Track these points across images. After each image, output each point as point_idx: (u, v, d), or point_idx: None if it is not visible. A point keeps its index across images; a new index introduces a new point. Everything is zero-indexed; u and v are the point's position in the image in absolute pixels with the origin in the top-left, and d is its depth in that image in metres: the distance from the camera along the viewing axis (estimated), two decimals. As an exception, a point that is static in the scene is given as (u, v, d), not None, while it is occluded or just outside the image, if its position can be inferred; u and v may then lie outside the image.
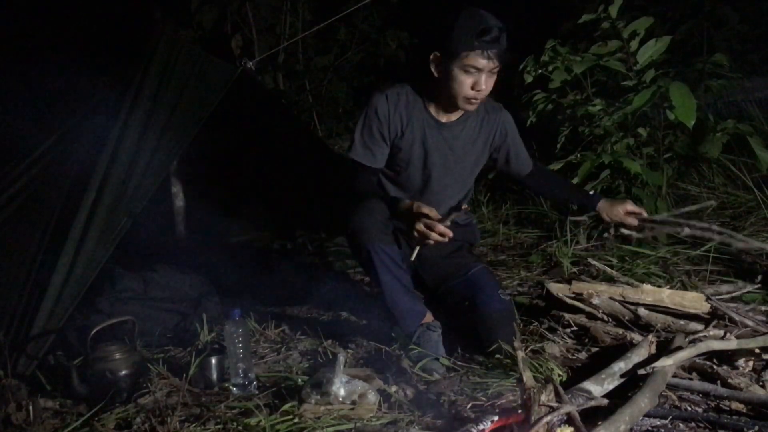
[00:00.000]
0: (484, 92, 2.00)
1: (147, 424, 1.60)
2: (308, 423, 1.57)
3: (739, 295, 2.32)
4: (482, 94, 2.01)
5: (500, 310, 2.03)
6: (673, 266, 2.70)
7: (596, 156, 3.01)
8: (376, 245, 1.95)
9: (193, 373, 1.86)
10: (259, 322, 2.38)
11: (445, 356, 1.96)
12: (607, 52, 3.03)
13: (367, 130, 2.10)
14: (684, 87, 2.68)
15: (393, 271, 1.98)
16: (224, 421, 1.61)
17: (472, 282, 2.12)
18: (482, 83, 1.97)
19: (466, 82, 1.98)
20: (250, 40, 5.12)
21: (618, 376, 1.65)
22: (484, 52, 1.92)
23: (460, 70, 1.96)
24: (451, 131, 2.15)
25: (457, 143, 2.17)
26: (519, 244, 3.45)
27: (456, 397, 1.69)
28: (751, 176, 3.27)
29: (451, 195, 2.24)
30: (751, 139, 2.86)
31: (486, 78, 1.97)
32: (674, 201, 3.52)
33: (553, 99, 3.34)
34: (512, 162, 2.32)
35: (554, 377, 1.76)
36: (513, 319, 2.05)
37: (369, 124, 2.09)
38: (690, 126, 2.62)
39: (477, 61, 1.93)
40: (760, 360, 1.77)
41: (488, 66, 1.95)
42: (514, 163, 2.32)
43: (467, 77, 1.97)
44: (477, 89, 1.98)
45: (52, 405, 1.78)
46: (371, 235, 1.96)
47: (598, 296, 2.13)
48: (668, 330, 1.99)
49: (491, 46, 1.92)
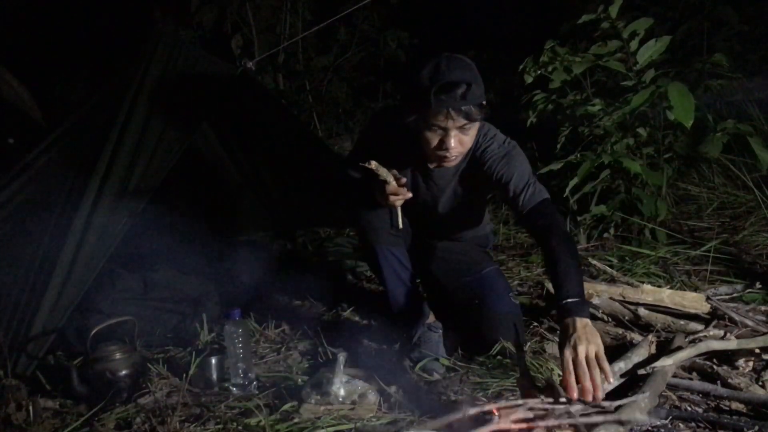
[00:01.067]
0: (456, 151, 1.79)
1: (147, 424, 1.60)
2: (308, 423, 1.57)
3: (739, 295, 2.32)
4: (454, 153, 1.79)
5: (509, 312, 2.01)
6: (673, 266, 2.70)
7: (596, 156, 3.01)
8: (383, 246, 1.99)
9: (193, 373, 1.86)
10: (259, 322, 2.38)
11: (445, 356, 1.96)
12: (607, 53, 3.03)
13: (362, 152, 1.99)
14: (682, 87, 2.68)
15: (398, 271, 2.00)
16: (224, 421, 1.61)
17: (485, 281, 2.09)
18: (449, 143, 1.75)
19: (432, 141, 1.78)
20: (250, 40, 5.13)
21: (618, 376, 1.65)
22: (445, 111, 1.70)
23: (424, 127, 1.77)
24: (441, 176, 2.00)
25: (448, 186, 2.02)
26: (519, 244, 3.45)
27: (456, 397, 1.69)
28: (751, 176, 3.27)
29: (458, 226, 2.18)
30: (751, 139, 2.86)
31: (455, 136, 1.75)
32: (674, 201, 3.53)
33: (553, 99, 3.34)
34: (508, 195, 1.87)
35: (554, 377, 1.76)
36: (519, 323, 2.03)
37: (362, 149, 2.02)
38: (688, 126, 2.62)
39: (437, 119, 1.72)
40: (760, 360, 1.77)
41: (453, 124, 1.73)
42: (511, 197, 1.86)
43: (432, 135, 1.77)
44: (444, 148, 1.77)
45: (52, 405, 1.78)
46: (379, 235, 1.99)
47: (599, 296, 2.13)
48: (668, 330, 1.99)
49: (452, 104, 1.69)
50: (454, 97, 1.69)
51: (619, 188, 3.20)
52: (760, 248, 2.86)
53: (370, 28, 5.77)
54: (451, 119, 1.71)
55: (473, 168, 1.96)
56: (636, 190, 3.12)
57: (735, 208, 3.48)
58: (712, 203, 3.54)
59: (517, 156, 1.91)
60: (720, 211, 3.48)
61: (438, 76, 1.70)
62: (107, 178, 2.15)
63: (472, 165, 1.95)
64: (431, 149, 1.81)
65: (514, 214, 1.99)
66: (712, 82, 3.61)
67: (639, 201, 3.09)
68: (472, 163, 1.95)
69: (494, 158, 1.90)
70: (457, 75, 1.70)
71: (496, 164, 1.89)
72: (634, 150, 3.19)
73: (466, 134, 1.78)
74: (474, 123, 1.76)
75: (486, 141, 1.94)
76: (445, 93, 1.68)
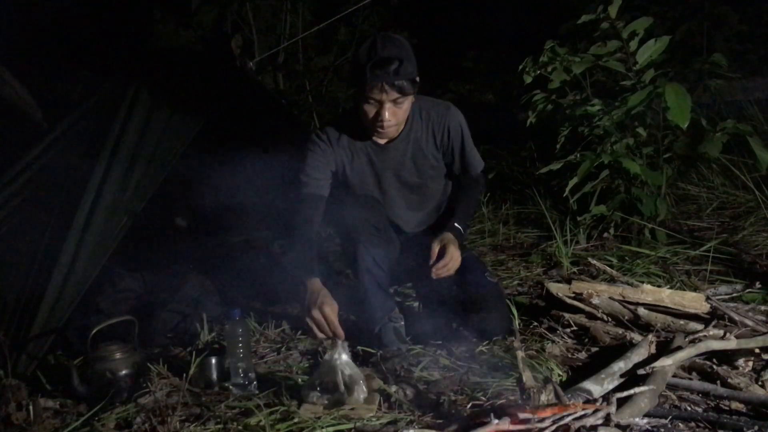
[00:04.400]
0: (390, 123, 1.95)
1: (147, 424, 1.60)
2: (308, 423, 1.57)
3: (738, 295, 2.32)
4: (389, 124, 1.96)
5: (488, 290, 2.12)
6: (673, 266, 2.70)
7: (596, 156, 3.01)
8: (361, 246, 2.07)
9: (193, 373, 1.86)
10: (259, 322, 2.39)
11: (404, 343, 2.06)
12: (607, 53, 3.03)
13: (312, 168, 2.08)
14: (679, 88, 2.68)
15: (372, 271, 2.09)
16: (224, 421, 1.61)
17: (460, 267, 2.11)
18: (384, 115, 1.92)
19: (369, 113, 1.94)
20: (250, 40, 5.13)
21: (618, 376, 1.66)
22: (379, 84, 1.86)
23: (362, 100, 1.93)
24: (396, 150, 2.12)
25: (406, 159, 2.14)
26: (519, 244, 3.45)
27: (456, 397, 1.69)
28: (751, 176, 3.27)
29: (419, 207, 2.26)
30: (750, 139, 2.85)
31: (389, 109, 1.92)
32: (674, 201, 3.53)
33: (552, 99, 3.34)
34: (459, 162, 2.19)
35: (554, 377, 1.76)
36: (502, 299, 2.14)
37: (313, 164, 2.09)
38: (684, 127, 2.62)
39: (373, 93, 1.88)
40: (759, 360, 1.77)
41: (386, 98, 1.89)
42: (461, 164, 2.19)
43: (369, 108, 1.93)
44: (380, 120, 1.93)
45: (52, 405, 1.78)
46: (359, 235, 2.07)
47: (598, 296, 2.14)
48: (668, 330, 2.00)
49: (385, 79, 1.85)
50: (388, 72, 1.85)
51: (619, 188, 3.20)
52: (759, 248, 2.86)
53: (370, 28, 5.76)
54: (384, 93, 1.88)
55: (430, 132, 2.13)
56: (636, 190, 3.12)
57: (735, 208, 3.48)
58: (712, 203, 3.55)
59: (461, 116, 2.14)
60: (720, 211, 3.49)
61: (373, 53, 1.86)
62: (107, 178, 2.15)
63: (427, 130, 2.12)
64: (369, 121, 1.97)
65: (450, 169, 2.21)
66: (711, 82, 3.61)
67: (639, 201, 3.09)
68: (427, 128, 2.12)
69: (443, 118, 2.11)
70: (390, 52, 1.86)
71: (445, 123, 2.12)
72: (634, 150, 3.19)
73: (400, 107, 1.95)
74: (407, 96, 1.92)
75: (432, 108, 2.12)
76: (379, 68, 1.85)
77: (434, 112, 2.12)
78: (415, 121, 2.11)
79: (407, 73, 1.88)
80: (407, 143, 2.12)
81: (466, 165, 2.19)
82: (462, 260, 2.13)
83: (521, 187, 4.16)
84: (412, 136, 2.12)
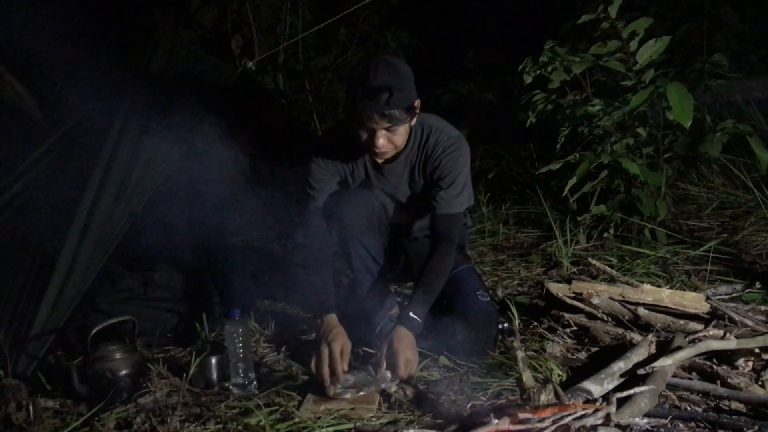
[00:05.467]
0: (385, 149, 1.87)
1: (147, 424, 1.60)
2: (308, 423, 1.57)
3: (738, 295, 2.32)
4: (383, 150, 1.87)
5: (477, 311, 2.02)
6: (673, 266, 2.70)
7: (595, 156, 3.01)
8: (355, 238, 2.05)
9: (193, 373, 1.86)
10: (259, 322, 2.38)
11: None
12: (607, 53, 3.03)
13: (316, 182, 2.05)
14: (681, 87, 2.68)
15: (367, 263, 2.07)
16: (224, 421, 1.61)
17: (453, 282, 2.09)
18: (377, 142, 1.83)
19: (363, 137, 1.86)
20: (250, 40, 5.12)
21: (618, 376, 1.66)
22: (369, 113, 1.77)
23: (356, 125, 1.85)
24: (392, 172, 2.05)
25: (402, 182, 2.07)
26: (519, 244, 3.45)
27: (456, 397, 1.69)
28: (751, 176, 3.27)
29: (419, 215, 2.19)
30: (750, 139, 2.86)
31: (383, 135, 1.83)
32: (674, 201, 3.53)
33: (552, 99, 3.34)
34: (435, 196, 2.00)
35: (554, 377, 1.76)
36: (490, 321, 2.03)
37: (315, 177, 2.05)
38: (687, 126, 2.62)
39: (364, 121, 1.80)
40: (759, 360, 1.77)
41: (378, 126, 1.80)
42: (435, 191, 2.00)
43: (363, 133, 1.85)
44: (374, 146, 1.85)
45: (52, 405, 1.78)
46: (354, 227, 2.06)
47: (598, 296, 2.14)
48: (668, 330, 2.00)
49: (375, 109, 1.76)
50: (379, 101, 1.76)
51: (619, 188, 3.21)
52: (759, 248, 2.86)
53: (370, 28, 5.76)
54: (375, 122, 1.80)
55: (423, 161, 2.03)
56: (635, 190, 3.12)
57: (735, 208, 3.48)
58: (712, 203, 3.55)
59: (461, 155, 2.00)
60: (720, 211, 3.49)
61: (365, 81, 1.77)
62: (107, 178, 2.15)
63: (422, 158, 2.03)
64: (364, 143, 1.89)
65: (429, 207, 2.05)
66: (712, 82, 3.61)
67: (638, 201, 3.09)
68: (422, 155, 2.02)
69: (440, 150, 1.99)
70: (383, 80, 1.77)
71: (439, 156, 1.99)
72: (634, 150, 3.19)
73: (394, 133, 1.86)
74: (401, 125, 1.84)
75: (434, 135, 2.01)
76: (369, 98, 1.76)
77: (435, 140, 1.99)
78: (415, 145, 2.01)
79: (400, 102, 1.78)
80: (404, 166, 2.04)
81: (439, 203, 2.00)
82: (457, 275, 2.11)
83: (521, 187, 4.17)
84: (409, 161, 2.04)
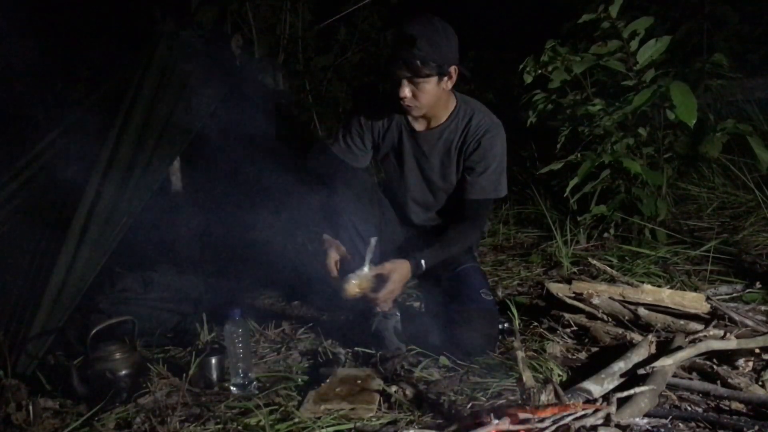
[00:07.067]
0: (409, 102, 1.92)
1: (147, 424, 1.60)
2: (308, 423, 1.57)
3: (739, 295, 2.32)
4: (408, 103, 1.93)
5: (480, 309, 2.01)
6: (673, 266, 2.70)
7: (596, 156, 3.01)
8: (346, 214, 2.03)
9: (193, 373, 1.86)
10: (259, 322, 2.38)
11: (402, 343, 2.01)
12: (607, 52, 3.03)
13: (348, 133, 2.11)
14: (685, 86, 2.68)
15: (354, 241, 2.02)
16: (224, 421, 1.61)
17: (458, 279, 2.10)
18: (403, 91, 1.89)
19: (392, 87, 1.92)
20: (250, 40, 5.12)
21: (618, 376, 1.66)
22: (396, 60, 1.86)
23: (386, 71, 1.93)
24: (426, 140, 2.08)
25: (433, 155, 2.09)
26: (519, 244, 3.45)
27: (456, 397, 1.69)
28: (751, 176, 3.27)
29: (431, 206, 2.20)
30: (751, 139, 2.86)
31: (406, 86, 1.89)
32: (674, 201, 3.53)
33: (553, 99, 3.33)
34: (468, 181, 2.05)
35: (554, 377, 1.76)
36: (492, 320, 2.02)
37: (349, 127, 2.11)
38: (691, 125, 2.62)
39: (389, 67, 1.89)
40: (760, 360, 1.77)
41: (401, 74, 1.87)
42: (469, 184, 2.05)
43: (392, 82, 1.92)
44: (399, 96, 1.91)
45: (52, 405, 1.78)
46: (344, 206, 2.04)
47: (598, 296, 2.13)
48: (668, 330, 2.00)
49: (401, 54, 1.84)
50: (402, 47, 1.83)
51: (619, 188, 3.20)
52: (760, 248, 2.86)
53: (370, 28, 5.76)
54: (398, 68, 1.86)
55: (462, 139, 2.05)
56: (636, 190, 3.12)
57: (735, 208, 3.48)
58: (712, 203, 3.55)
59: (500, 142, 2.04)
60: (720, 211, 3.49)
61: (399, 28, 1.87)
62: (107, 178, 2.15)
63: (462, 136, 2.05)
64: (394, 95, 1.92)
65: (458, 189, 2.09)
66: (712, 82, 3.61)
67: (639, 201, 3.09)
68: (462, 134, 2.05)
69: (482, 132, 2.02)
70: (413, 29, 1.83)
71: (480, 138, 2.02)
72: (634, 150, 3.19)
73: (419, 88, 1.89)
74: (425, 78, 1.87)
75: (477, 116, 2.05)
76: (396, 43, 1.86)
77: (477, 121, 2.04)
78: (454, 123, 2.05)
79: (424, 53, 1.83)
80: (440, 139, 2.07)
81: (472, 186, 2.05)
82: (461, 272, 2.11)
83: (521, 187, 4.16)
84: (445, 136, 2.06)
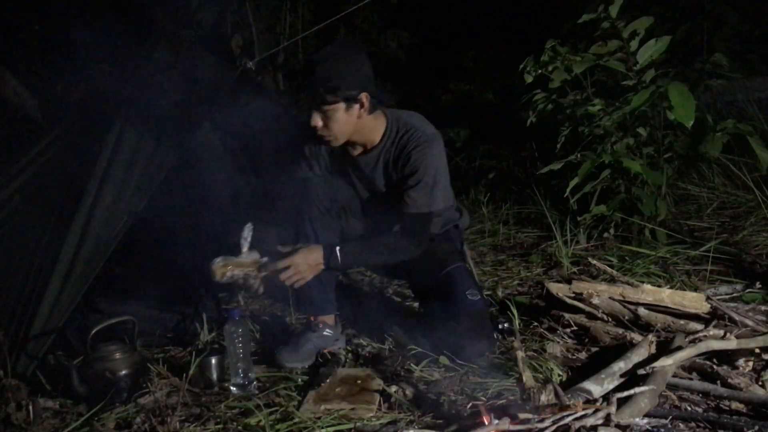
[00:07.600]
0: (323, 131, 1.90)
1: (147, 424, 1.60)
2: (308, 423, 1.57)
3: (739, 295, 2.32)
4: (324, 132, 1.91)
5: (467, 312, 1.98)
6: (673, 266, 2.70)
7: (596, 156, 3.01)
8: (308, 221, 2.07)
9: (193, 373, 1.86)
10: (259, 322, 2.39)
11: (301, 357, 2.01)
12: (607, 52, 3.03)
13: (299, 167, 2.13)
14: (683, 87, 2.68)
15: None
16: (224, 421, 1.61)
17: (444, 282, 2.07)
18: (314, 120, 1.88)
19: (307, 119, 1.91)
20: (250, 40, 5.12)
21: (618, 376, 1.66)
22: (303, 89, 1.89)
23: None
24: (366, 163, 2.06)
25: (376, 173, 2.07)
26: (519, 244, 3.45)
27: (456, 397, 1.69)
28: (751, 176, 3.27)
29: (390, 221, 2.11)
30: (751, 139, 2.86)
31: (316, 116, 1.88)
32: (674, 201, 3.53)
33: (553, 99, 3.34)
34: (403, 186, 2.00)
35: (554, 377, 1.76)
36: (481, 320, 2.00)
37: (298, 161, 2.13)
38: (688, 126, 2.62)
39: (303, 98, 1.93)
40: (760, 360, 1.77)
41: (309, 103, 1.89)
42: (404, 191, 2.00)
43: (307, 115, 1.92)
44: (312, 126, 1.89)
45: (52, 405, 1.78)
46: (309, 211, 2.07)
47: (598, 296, 2.14)
48: (668, 330, 2.00)
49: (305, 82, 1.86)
50: (306, 77, 1.85)
51: (619, 188, 3.21)
52: (760, 248, 2.86)
53: (370, 28, 5.76)
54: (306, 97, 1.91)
55: (396, 156, 2.02)
56: (636, 190, 3.12)
57: (735, 208, 3.48)
58: (712, 203, 3.55)
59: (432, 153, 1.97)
60: (720, 211, 3.49)
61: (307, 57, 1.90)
62: (107, 178, 2.15)
63: (395, 153, 2.02)
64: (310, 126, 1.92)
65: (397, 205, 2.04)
66: (712, 82, 3.61)
67: (639, 201, 3.09)
68: (395, 151, 2.01)
69: (412, 146, 1.98)
70: (317, 56, 1.86)
71: (411, 152, 1.97)
72: (634, 150, 3.19)
73: (329, 117, 1.88)
74: (330, 105, 1.85)
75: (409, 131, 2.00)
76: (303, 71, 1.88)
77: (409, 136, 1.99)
78: (389, 142, 2.02)
79: (321, 80, 1.82)
80: (378, 161, 2.05)
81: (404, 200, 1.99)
82: (448, 274, 2.08)
83: (521, 187, 4.16)
84: (383, 156, 2.04)
